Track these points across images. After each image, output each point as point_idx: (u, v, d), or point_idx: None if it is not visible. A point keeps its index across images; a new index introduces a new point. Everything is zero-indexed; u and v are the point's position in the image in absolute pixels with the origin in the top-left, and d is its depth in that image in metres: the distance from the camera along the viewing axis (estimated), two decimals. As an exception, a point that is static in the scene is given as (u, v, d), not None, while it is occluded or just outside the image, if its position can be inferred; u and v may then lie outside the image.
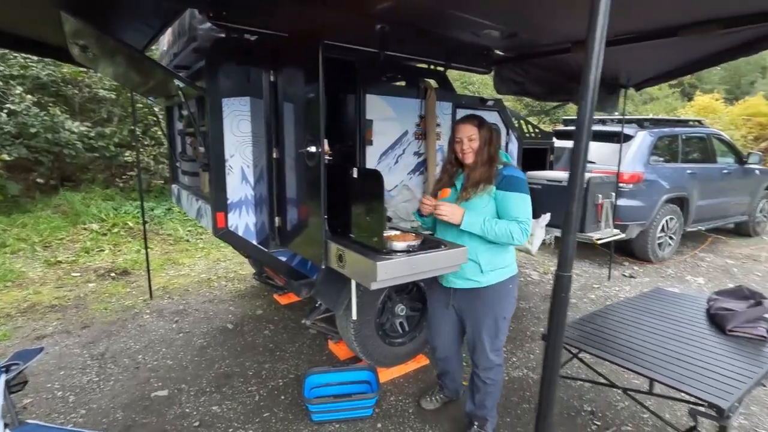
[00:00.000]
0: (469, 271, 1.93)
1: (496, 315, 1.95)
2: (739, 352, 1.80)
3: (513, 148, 3.78)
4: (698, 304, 2.32)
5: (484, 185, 1.87)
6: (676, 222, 5.46)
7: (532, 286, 4.60)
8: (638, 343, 1.88)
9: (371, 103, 2.74)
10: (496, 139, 1.95)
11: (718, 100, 18.02)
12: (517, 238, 1.80)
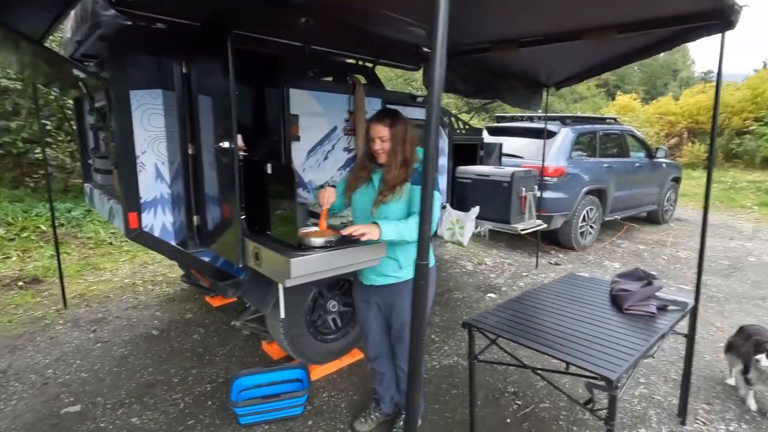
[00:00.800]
0: (387, 267, 1.95)
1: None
2: (633, 329, 1.99)
3: (444, 144, 3.89)
4: (603, 287, 2.52)
5: (400, 187, 1.85)
6: (595, 212, 5.91)
7: (466, 277, 4.78)
8: (548, 325, 2.01)
9: (297, 98, 2.70)
10: (414, 138, 1.91)
11: (636, 100, 19.70)
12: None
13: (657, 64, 43.94)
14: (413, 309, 1.05)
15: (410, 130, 1.92)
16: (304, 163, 2.87)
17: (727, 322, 3.73)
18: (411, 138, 1.91)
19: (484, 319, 2.13)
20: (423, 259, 0.96)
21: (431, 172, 0.95)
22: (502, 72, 4.08)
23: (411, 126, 1.94)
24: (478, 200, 3.97)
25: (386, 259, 1.95)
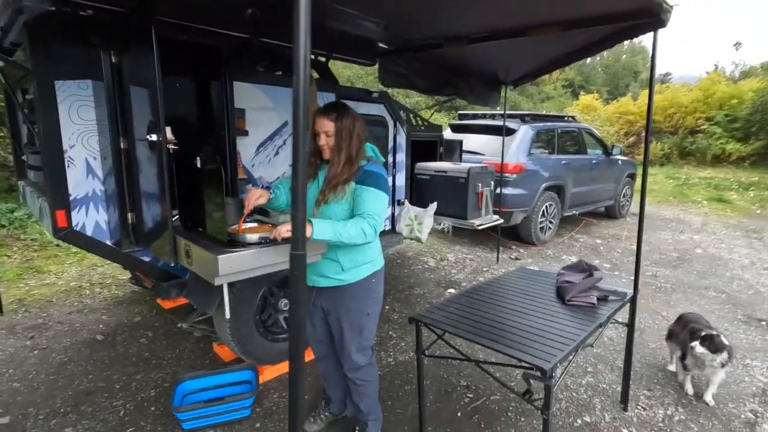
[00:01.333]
0: (329, 270, 1.89)
1: (359, 311, 1.92)
2: (573, 319, 2.04)
3: (401, 141, 3.89)
4: (550, 279, 2.58)
5: (343, 186, 1.77)
6: (554, 208, 6.06)
7: (428, 273, 4.80)
8: (493, 318, 2.03)
9: (243, 91, 2.62)
10: (361, 134, 1.83)
11: (598, 100, 20.39)
12: (369, 235, 1.72)
13: (619, 65, 45.70)
14: (291, 299, 0.99)
15: (358, 126, 1.84)
16: (253, 158, 2.79)
17: (672, 311, 3.90)
18: (359, 134, 1.83)
19: (431, 314, 2.13)
20: (299, 249, 0.89)
21: (301, 172, 0.91)
22: (460, 69, 4.12)
23: (360, 122, 1.86)
24: (436, 196, 3.99)
25: (327, 260, 1.89)
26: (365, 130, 1.90)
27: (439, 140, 4.48)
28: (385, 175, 1.86)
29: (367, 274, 1.92)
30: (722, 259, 5.56)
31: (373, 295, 1.97)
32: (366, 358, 2.01)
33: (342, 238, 1.68)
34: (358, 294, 1.92)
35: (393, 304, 3.94)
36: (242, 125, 2.62)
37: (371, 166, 1.85)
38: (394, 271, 4.81)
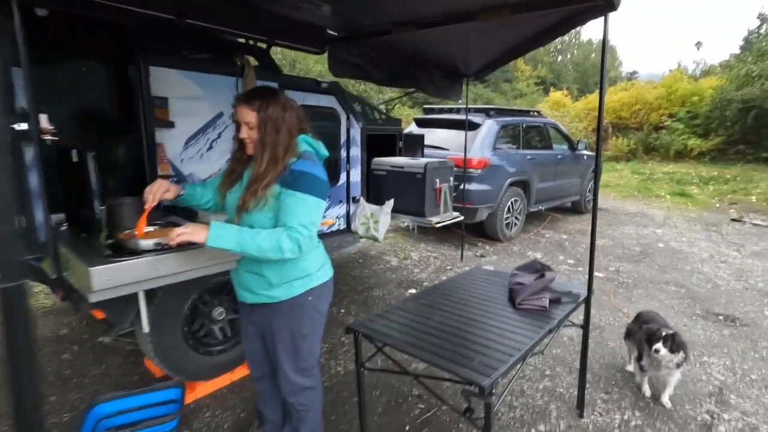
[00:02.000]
0: (255, 285, 1.66)
1: (293, 333, 1.69)
2: (522, 326, 1.88)
3: (355, 135, 3.68)
4: (504, 281, 2.43)
5: (263, 190, 1.51)
6: (520, 203, 5.99)
7: (389, 273, 4.62)
8: (437, 327, 1.85)
9: (166, 78, 2.35)
10: (293, 128, 1.58)
11: (567, 96, 20.71)
12: (289, 250, 1.46)
13: (588, 63, 46.86)
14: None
15: (289, 117, 1.57)
16: (181, 153, 2.53)
17: (633, 308, 3.84)
18: (289, 128, 1.57)
19: (370, 323, 1.94)
20: (12, 277, 0.65)
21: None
22: (418, 59, 3.93)
23: (292, 112, 1.59)
24: (393, 193, 3.80)
25: (250, 274, 1.66)
26: (299, 121, 1.66)
27: (398, 134, 4.29)
28: (319, 175, 1.57)
29: (302, 291, 1.66)
30: (683, 252, 5.60)
31: (310, 315, 1.70)
32: (307, 380, 1.77)
33: (249, 250, 1.44)
34: (291, 314, 1.68)
35: (350, 307, 3.73)
36: (164, 116, 2.35)
37: (301, 165, 1.55)
38: (354, 272, 4.61)
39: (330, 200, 3.55)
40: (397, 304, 2.16)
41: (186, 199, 1.75)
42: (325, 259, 1.79)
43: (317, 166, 1.61)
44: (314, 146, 1.70)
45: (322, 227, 3.54)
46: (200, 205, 1.80)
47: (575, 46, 52.17)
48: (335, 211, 3.63)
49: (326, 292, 1.77)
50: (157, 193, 1.54)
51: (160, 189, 1.56)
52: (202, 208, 1.85)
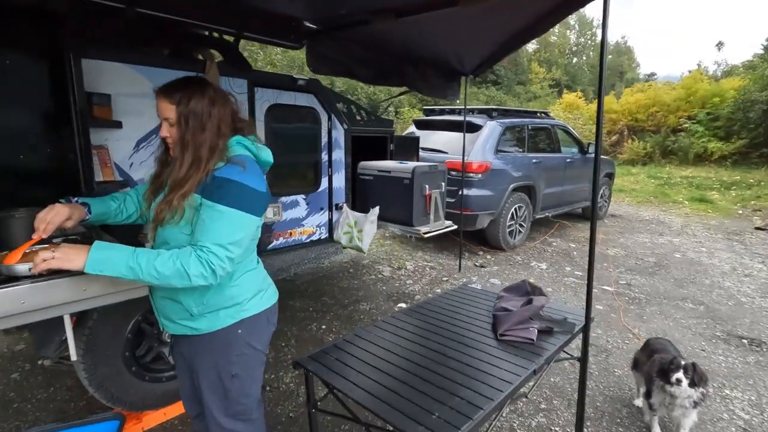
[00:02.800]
0: (173, 313, 1.39)
1: (219, 372, 1.41)
2: (503, 363, 1.58)
3: (338, 136, 3.40)
4: (490, 303, 2.12)
5: (180, 200, 1.24)
6: (524, 210, 5.63)
7: (380, 284, 4.32)
8: (402, 366, 1.56)
9: (111, 72, 2.11)
10: (223, 125, 1.31)
11: (581, 98, 20.15)
12: (198, 276, 1.19)
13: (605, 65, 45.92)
14: None
15: (218, 113, 1.31)
16: (131, 156, 2.28)
17: (645, 328, 3.48)
18: (217, 125, 1.30)
19: (324, 357, 1.66)
20: None
21: None
22: (409, 55, 3.64)
23: (223, 107, 1.33)
24: (380, 199, 3.52)
25: (166, 300, 1.39)
26: (234, 119, 1.38)
27: (389, 136, 4.00)
28: (248, 184, 1.29)
29: (230, 323, 1.38)
30: (702, 264, 5.18)
31: (241, 351, 1.41)
32: (242, 425, 1.48)
33: (145, 277, 1.16)
34: (216, 349, 1.40)
35: (332, 323, 3.45)
36: (108, 115, 2.10)
37: (226, 171, 1.28)
38: (343, 282, 4.32)
39: (309, 207, 3.28)
40: (360, 331, 1.87)
41: (97, 221, 1.47)
42: (264, 284, 1.50)
43: (249, 173, 1.31)
44: (253, 150, 1.41)
45: (300, 236, 3.27)
46: (121, 221, 1.54)
47: (591, 48, 51.31)
48: (316, 219, 3.35)
49: (262, 324, 1.48)
50: (51, 223, 1.27)
51: (56, 217, 1.29)
52: (126, 223, 1.58)
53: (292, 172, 3.14)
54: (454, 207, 4.86)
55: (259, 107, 2.83)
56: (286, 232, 3.15)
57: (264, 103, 2.86)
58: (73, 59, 1.86)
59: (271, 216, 3.01)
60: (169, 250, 1.21)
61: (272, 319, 1.54)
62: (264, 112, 2.86)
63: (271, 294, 1.53)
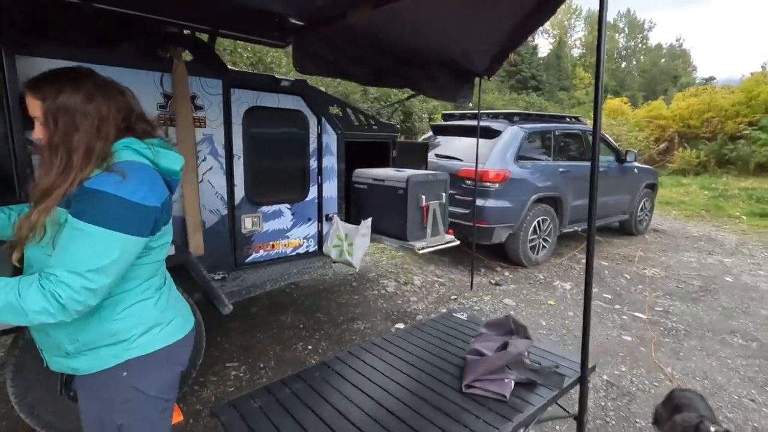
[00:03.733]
0: (48, 349, 1.18)
1: (102, 421, 1.18)
2: (466, 422, 1.24)
3: (330, 142, 3.16)
4: (471, 338, 1.77)
5: (41, 215, 1.04)
6: (549, 223, 5.14)
7: (381, 301, 4.01)
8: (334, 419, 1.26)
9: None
10: (103, 125, 1.09)
11: (626, 104, 18.96)
12: (40, 312, 0.97)
13: (657, 69, 43.48)
14: None
15: (97, 110, 1.09)
16: (85, 161, 2.13)
17: (680, 367, 2.96)
18: (95, 125, 1.08)
19: (245, 404, 1.38)
20: None
21: None
22: (409, 55, 3.35)
23: (105, 103, 1.10)
24: (374, 210, 3.23)
25: (42, 333, 1.17)
26: (123, 117, 1.17)
27: (391, 142, 3.71)
28: (121, 195, 1.05)
29: (113, 364, 1.15)
30: (758, 290, 4.49)
31: (127, 398, 1.17)
32: None
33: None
34: (98, 394, 1.17)
35: (320, 343, 3.18)
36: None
37: (99, 181, 1.05)
38: (342, 297, 4.05)
39: (295, 217, 3.04)
40: (303, 372, 1.58)
41: None
42: (164, 316, 1.25)
43: (129, 183, 1.06)
44: (148, 155, 1.17)
45: (284, 249, 3.03)
46: (9, 236, 1.34)
47: (642, 51, 48.64)
48: (302, 230, 3.11)
49: (159, 364, 1.23)
50: None
51: None
52: None
53: (274, 180, 2.92)
54: (468, 219, 4.49)
55: (236, 110, 2.64)
56: (268, 244, 2.93)
57: (241, 106, 2.66)
58: (4, 55, 1.71)
59: (249, 226, 2.80)
60: (5, 278, 0.99)
61: (179, 357, 1.29)
62: (241, 115, 2.66)
63: (176, 327, 1.28)
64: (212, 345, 3.09)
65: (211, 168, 2.57)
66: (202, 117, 2.49)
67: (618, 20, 47.94)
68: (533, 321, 3.66)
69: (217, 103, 2.54)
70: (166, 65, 2.29)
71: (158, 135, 1.25)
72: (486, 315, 3.75)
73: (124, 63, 2.17)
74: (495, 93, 24.88)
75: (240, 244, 2.77)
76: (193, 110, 2.44)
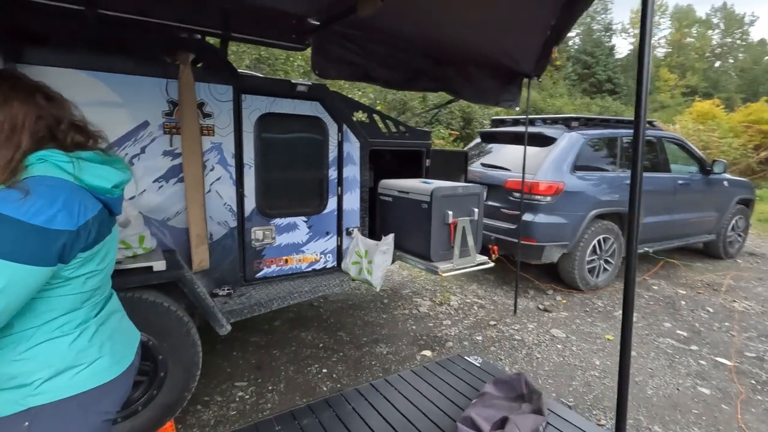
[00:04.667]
0: None
1: None
2: None
3: (351, 150, 2.93)
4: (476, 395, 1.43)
5: None
6: (612, 243, 4.51)
7: (411, 322, 3.69)
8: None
9: (60, 80, 1.94)
10: (9, 133, 0.95)
11: (719, 106, 16.81)
12: None
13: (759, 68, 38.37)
14: None
15: (9, 116, 0.96)
16: (88, 170, 2.09)
17: (776, 438, 2.32)
18: (4, 134, 0.95)
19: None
20: None
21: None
22: (444, 55, 3.05)
23: (19, 105, 0.97)
24: (398, 225, 2.95)
25: None
26: (49, 124, 1.03)
27: (424, 150, 3.41)
28: (14, 216, 0.89)
29: (13, 411, 0.99)
30: None
31: None
32: None
33: None
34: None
35: (336, 366, 2.95)
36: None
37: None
38: (370, 315, 3.80)
39: (311, 231, 2.85)
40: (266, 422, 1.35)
41: None
42: (84, 356, 1.06)
43: (30, 202, 0.90)
44: (69, 170, 1.01)
45: (299, 264, 2.85)
46: None
47: (741, 48, 43.28)
48: (320, 245, 2.91)
49: (71, 414, 1.04)
50: None
51: None
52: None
53: (289, 191, 2.75)
54: (514, 235, 4.04)
55: (247, 117, 2.51)
56: (280, 258, 2.76)
57: (253, 113, 2.52)
58: (4, 63, 1.69)
59: (260, 240, 2.65)
60: None
61: (100, 405, 1.10)
62: (253, 122, 2.53)
63: (99, 370, 1.09)
64: (227, 359, 2.99)
65: (219, 178, 2.46)
66: (211, 125, 2.38)
67: (712, 15, 43.23)
68: (585, 359, 3.14)
69: (227, 110, 2.42)
70: (172, 71, 2.21)
71: (95, 147, 1.09)
72: (528, 347, 3.29)
73: (129, 70, 2.11)
74: (564, 97, 23.39)
75: (250, 258, 2.63)
76: (201, 118, 2.34)
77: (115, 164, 1.10)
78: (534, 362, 3.08)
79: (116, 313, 1.22)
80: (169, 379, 2.09)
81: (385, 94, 12.07)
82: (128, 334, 1.24)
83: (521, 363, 3.07)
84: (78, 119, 1.07)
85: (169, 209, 2.32)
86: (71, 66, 1.97)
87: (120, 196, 1.13)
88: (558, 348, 3.30)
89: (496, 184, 4.42)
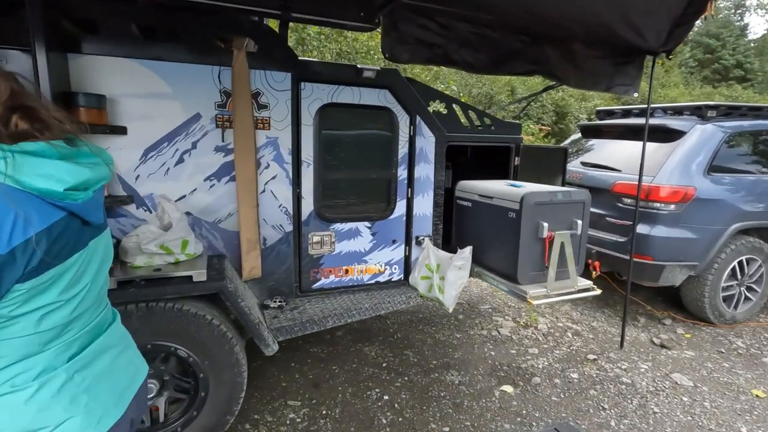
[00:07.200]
0: None
1: None
2: None
3: (425, 146, 2.52)
4: None
5: None
6: (760, 266, 3.52)
7: (490, 346, 3.17)
8: None
9: (103, 68, 1.81)
10: None
11: None
12: None
13: None
14: None
15: None
16: (137, 167, 1.96)
17: None
18: None
19: None
20: None
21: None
22: (543, 30, 2.49)
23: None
24: (478, 235, 2.47)
25: None
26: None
27: (514, 146, 2.88)
28: None
29: None
30: None
31: None
32: None
33: None
34: None
35: (398, 395, 2.57)
36: (100, 119, 1.80)
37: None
38: (441, 333, 3.35)
39: (375, 238, 2.50)
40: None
41: None
42: (37, 419, 0.80)
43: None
44: (1, 168, 0.75)
45: (360, 276, 2.51)
46: None
47: None
48: (385, 254, 2.55)
49: None
50: None
51: None
52: None
53: (351, 193, 2.42)
54: (623, 250, 3.32)
55: (306, 108, 2.22)
56: (340, 268, 2.45)
57: (313, 103, 2.23)
58: (39, 53, 1.57)
59: (318, 247, 2.36)
60: None
61: None
62: (313, 114, 2.23)
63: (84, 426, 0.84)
64: (284, 371, 2.77)
65: (274, 177, 2.21)
66: (266, 117, 2.13)
67: None
68: (725, 422, 2.39)
69: (285, 100, 2.15)
70: (225, 58, 1.98)
71: (52, 137, 0.82)
72: (641, 396, 2.61)
73: (180, 58, 1.93)
74: (680, 87, 20.36)
75: (306, 267, 2.35)
76: (256, 109, 2.10)
77: (80, 158, 0.82)
78: (650, 418, 2.41)
79: (109, 350, 0.96)
80: (210, 401, 1.87)
81: (470, 87, 11.37)
82: (123, 376, 0.98)
83: (631, 417, 2.41)
84: (32, 103, 0.80)
85: (221, 210, 2.12)
86: (121, 54, 1.82)
87: (92, 199, 0.85)
88: (684, 402, 2.57)
89: (599, 188, 3.68)
